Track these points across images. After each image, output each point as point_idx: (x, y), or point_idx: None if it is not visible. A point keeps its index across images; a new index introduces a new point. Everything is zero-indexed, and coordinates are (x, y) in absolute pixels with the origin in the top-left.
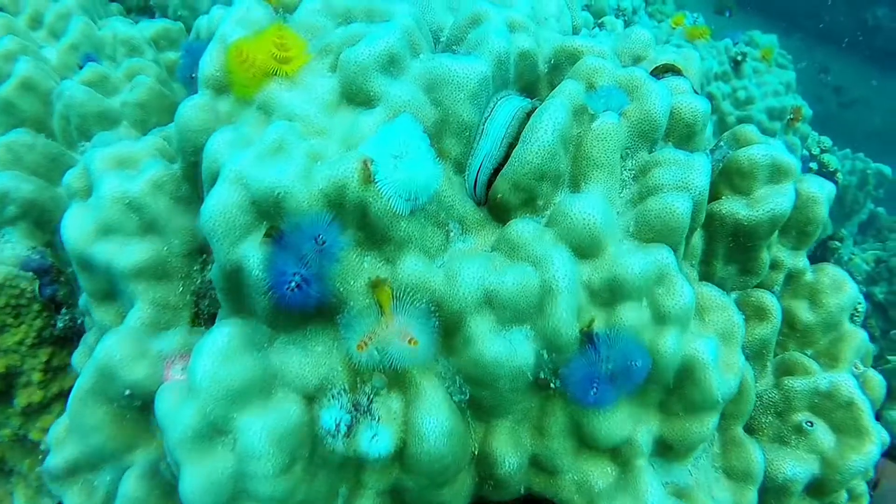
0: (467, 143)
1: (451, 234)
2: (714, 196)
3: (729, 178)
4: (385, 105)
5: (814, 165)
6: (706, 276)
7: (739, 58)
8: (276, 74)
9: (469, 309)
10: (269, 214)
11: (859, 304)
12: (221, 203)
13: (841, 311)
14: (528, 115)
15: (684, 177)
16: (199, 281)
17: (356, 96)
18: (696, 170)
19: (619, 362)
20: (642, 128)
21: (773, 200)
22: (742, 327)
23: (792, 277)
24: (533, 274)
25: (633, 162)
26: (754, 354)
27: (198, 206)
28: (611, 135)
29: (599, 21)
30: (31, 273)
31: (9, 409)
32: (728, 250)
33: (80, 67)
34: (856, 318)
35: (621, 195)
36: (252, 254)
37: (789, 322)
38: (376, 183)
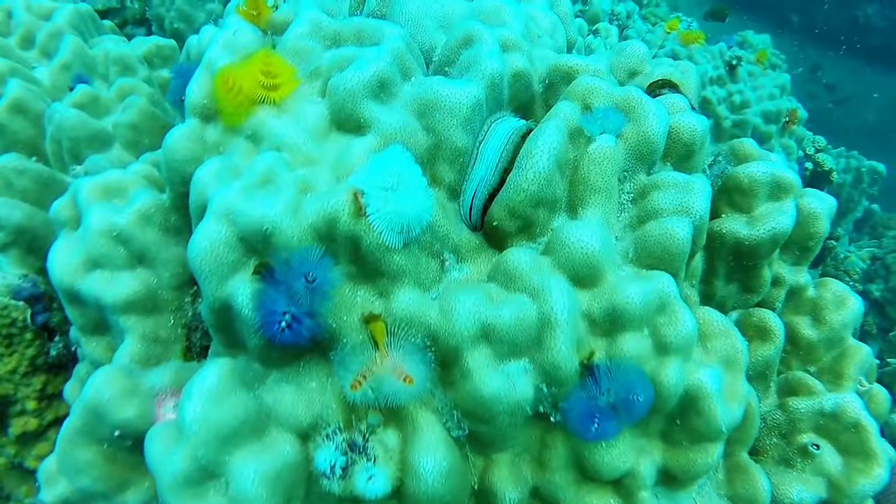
0: (461, 168)
1: (446, 263)
2: (714, 214)
3: (729, 196)
4: (376, 132)
5: (809, 165)
6: (707, 295)
7: (735, 62)
8: (264, 102)
9: (466, 344)
10: (258, 250)
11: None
12: (208, 240)
13: (844, 328)
14: (524, 137)
15: (684, 200)
16: (190, 313)
17: (346, 123)
18: (696, 193)
19: (620, 395)
20: (640, 150)
21: (775, 219)
22: (746, 353)
23: (793, 293)
24: (530, 306)
25: (632, 185)
26: (757, 375)
27: (187, 236)
28: (608, 158)
29: (594, 28)
30: (22, 302)
31: (3, 437)
32: (729, 269)
33: (71, 89)
34: None
35: (619, 219)
36: (241, 291)
37: (792, 339)
38: (367, 216)
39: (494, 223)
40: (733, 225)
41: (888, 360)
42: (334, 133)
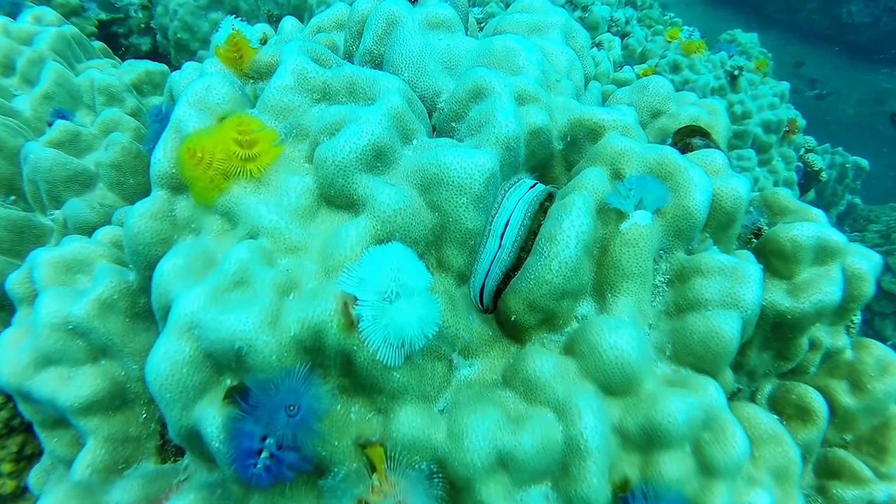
0: (471, 251)
1: (455, 362)
2: None
3: (766, 259)
4: (371, 213)
5: (799, 165)
6: (737, 364)
7: (736, 72)
8: (240, 174)
9: (479, 474)
10: (231, 367)
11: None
12: (169, 360)
13: (888, 397)
14: (542, 204)
15: (732, 291)
16: None
17: (336, 199)
18: (747, 283)
19: None
20: (679, 225)
21: (821, 290)
22: (800, 464)
23: (829, 355)
24: (555, 427)
25: (668, 265)
26: None
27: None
28: (643, 239)
29: (597, 41)
30: None
31: None
32: (765, 340)
33: (50, 125)
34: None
35: (654, 303)
36: (210, 421)
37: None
38: (360, 330)
39: (512, 317)
40: (773, 295)
41: None
42: (323, 210)
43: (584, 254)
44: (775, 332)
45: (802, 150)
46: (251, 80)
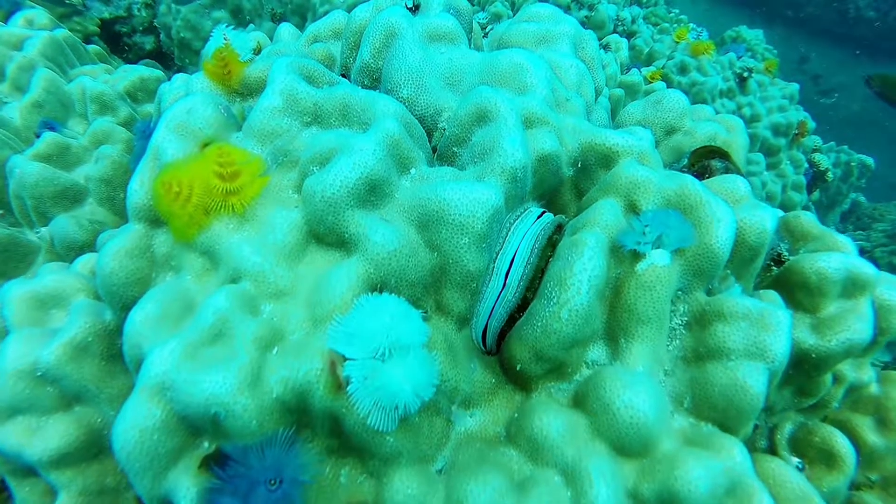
0: (473, 294)
1: (454, 414)
2: None
3: (788, 291)
4: (364, 255)
5: (806, 166)
6: None
7: (745, 74)
8: (221, 209)
9: None
10: (208, 431)
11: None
12: (138, 427)
13: None
14: (551, 237)
15: (759, 340)
16: None
17: (326, 237)
18: (775, 330)
19: None
20: (700, 265)
21: (850, 327)
22: None
23: (853, 389)
24: (563, 492)
25: (687, 306)
26: None
27: None
28: (661, 282)
29: (604, 43)
30: None
31: None
32: (786, 377)
33: (37, 136)
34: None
35: (670, 348)
36: (184, 491)
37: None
38: (348, 394)
39: (517, 367)
40: (797, 331)
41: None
42: (312, 248)
43: (596, 300)
44: (797, 370)
45: (819, 154)
46: (241, 97)
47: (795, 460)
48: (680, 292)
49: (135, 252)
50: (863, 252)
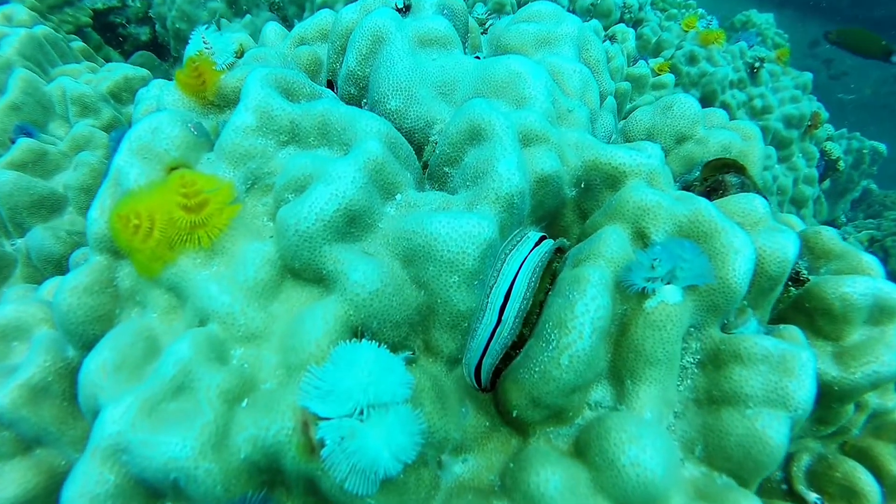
0: (464, 333)
1: (444, 462)
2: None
3: (809, 316)
4: (342, 295)
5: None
6: None
7: (757, 64)
8: (187, 242)
9: None
10: (168, 494)
11: None
12: (88, 495)
13: None
14: (550, 264)
15: (780, 386)
16: None
17: (303, 272)
18: (798, 376)
19: None
20: (715, 301)
21: (878, 358)
22: None
23: (875, 415)
24: None
25: (700, 344)
26: None
27: None
28: (671, 321)
29: (610, 34)
30: None
31: None
32: None
33: (13, 141)
34: None
35: (681, 388)
36: None
37: (871, 472)
38: (323, 459)
39: (513, 413)
40: (818, 362)
41: None
42: (287, 284)
43: (600, 342)
44: (817, 402)
45: (831, 143)
46: (217, 109)
47: (814, 496)
48: (692, 329)
49: (95, 287)
50: (873, 241)
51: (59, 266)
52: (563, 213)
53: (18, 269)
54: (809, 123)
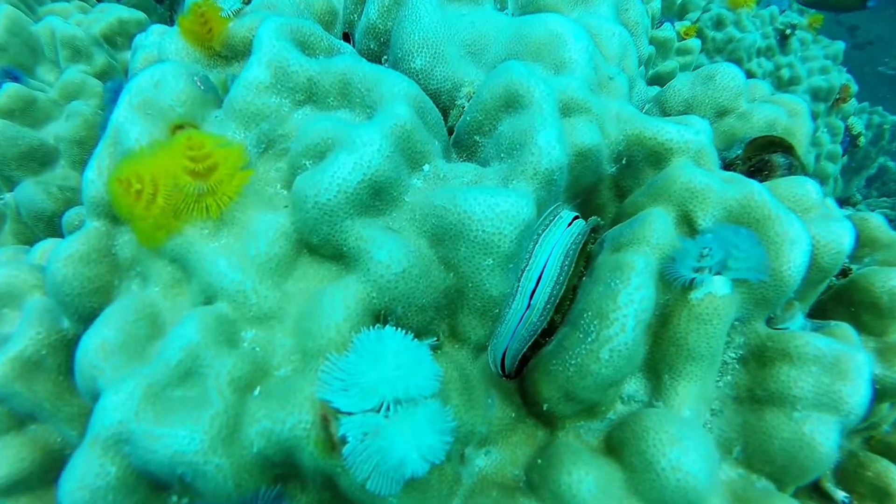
0: (494, 320)
1: (466, 455)
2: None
3: (851, 310)
4: (365, 275)
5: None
6: None
7: (788, 31)
8: (194, 211)
9: None
10: (175, 487)
11: None
12: (88, 487)
13: None
14: (585, 245)
15: (832, 389)
16: None
17: (321, 248)
18: (853, 380)
19: None
20: (764, 294)
21: None
22: None
23: None
24: None
25: (743, 339)
26: None
27: None
28: (718, 315)
29: None
30: None
31: None
32: None
33: None
34: None
35: (719, 383)
36: None
37: None
38: (344, 456)
39: (543, 406)
40: None
41: None
42: (303, 261)
43: (642, 336)
44: None
45: (853, 118)
46: (224, 61)
47: (842, 494)
48: (737, 322)
49: (92, 256)
50: (890, 221)
51: (52, 224)
52: (600, 191)
53: (8, 226)
54: (838, 97)
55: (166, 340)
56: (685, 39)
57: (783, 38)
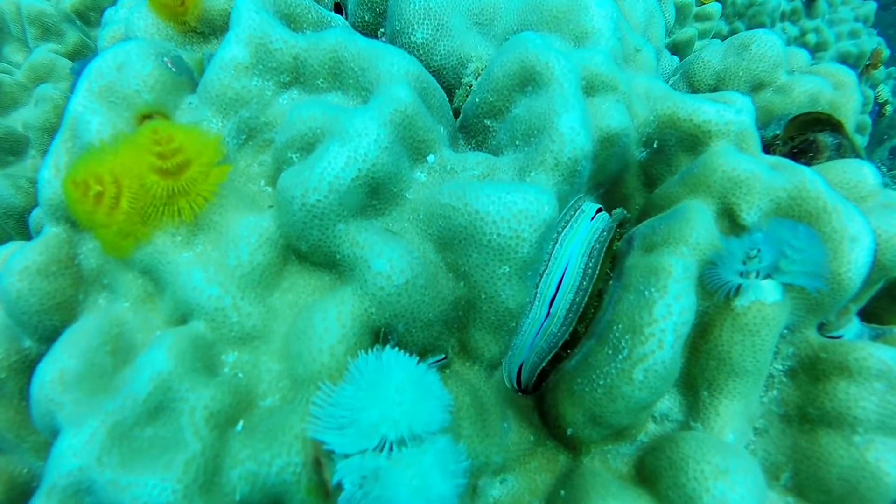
0: (510, 334)
1: (480, 487)
2: (873, 320)
3: None
4: (362, 288)
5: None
6: None
7: None
8: (164, 215)
9: None
10: None
11: None
12: None
13: None
14: (611, 242)
15: None
16: None
17: (311, 256)
18: None
19: None
20: (819, 299)
21: None
22: None
23: None
24: None
25: (792, 348)
26: None
27: None
28: (767, 325)
29: None
30: None
31: None
32: None
33: None
34: None
35: (764, 399)
36: None
37: None
38: None
39: (567, 430)
40: None
41: None
42: (291, 269)
43: (681, 352)
44: None
45: (881, 85)
46: (201, 38)
47: None
48: (785, 330)
49: (52, 268)
50: None
51: (22, 220)
52: (626, 179)
53: None
54: (868, 63)
55: (134, 369)
56: (704, 4)
57: (810, 0)
